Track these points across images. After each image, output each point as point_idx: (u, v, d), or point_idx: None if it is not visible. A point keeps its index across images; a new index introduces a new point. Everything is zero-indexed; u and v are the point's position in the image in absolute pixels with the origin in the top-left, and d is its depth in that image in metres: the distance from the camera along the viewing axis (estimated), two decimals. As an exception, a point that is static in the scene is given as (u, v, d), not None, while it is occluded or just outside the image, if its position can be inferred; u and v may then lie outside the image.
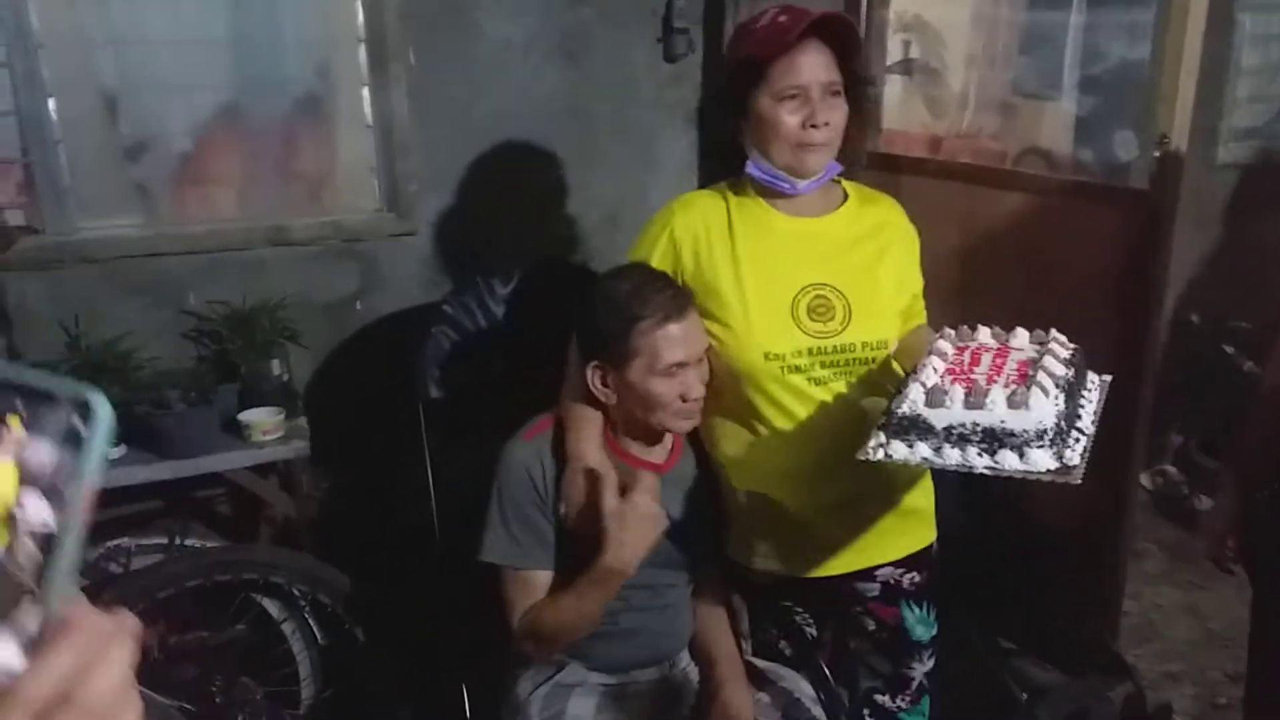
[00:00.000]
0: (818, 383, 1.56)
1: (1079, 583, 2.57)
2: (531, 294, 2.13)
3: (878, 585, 1.72)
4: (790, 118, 1.51)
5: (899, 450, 1.31)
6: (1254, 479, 1.75)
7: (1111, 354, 2.40)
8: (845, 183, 1.67)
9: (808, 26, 1.48)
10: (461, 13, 2.40)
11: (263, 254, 2.35)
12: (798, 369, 1.55)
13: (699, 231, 1.60)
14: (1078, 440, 1.29)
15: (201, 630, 2.03)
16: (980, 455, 1.26)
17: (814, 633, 1.82)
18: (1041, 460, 1.24)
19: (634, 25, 2.57)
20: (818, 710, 1.69)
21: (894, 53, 4.09)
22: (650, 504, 1.47)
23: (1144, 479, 3.27)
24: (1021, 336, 1.48)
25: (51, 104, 2.18)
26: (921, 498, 1.72)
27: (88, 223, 2.26)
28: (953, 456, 1.28)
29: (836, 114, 1.53)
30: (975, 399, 1.27)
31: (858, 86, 1.57)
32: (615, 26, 2.55)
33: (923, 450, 1.29)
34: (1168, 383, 3.39)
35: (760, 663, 1.79)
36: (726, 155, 1.62)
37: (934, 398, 1.29)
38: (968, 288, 2.58)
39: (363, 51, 2.40)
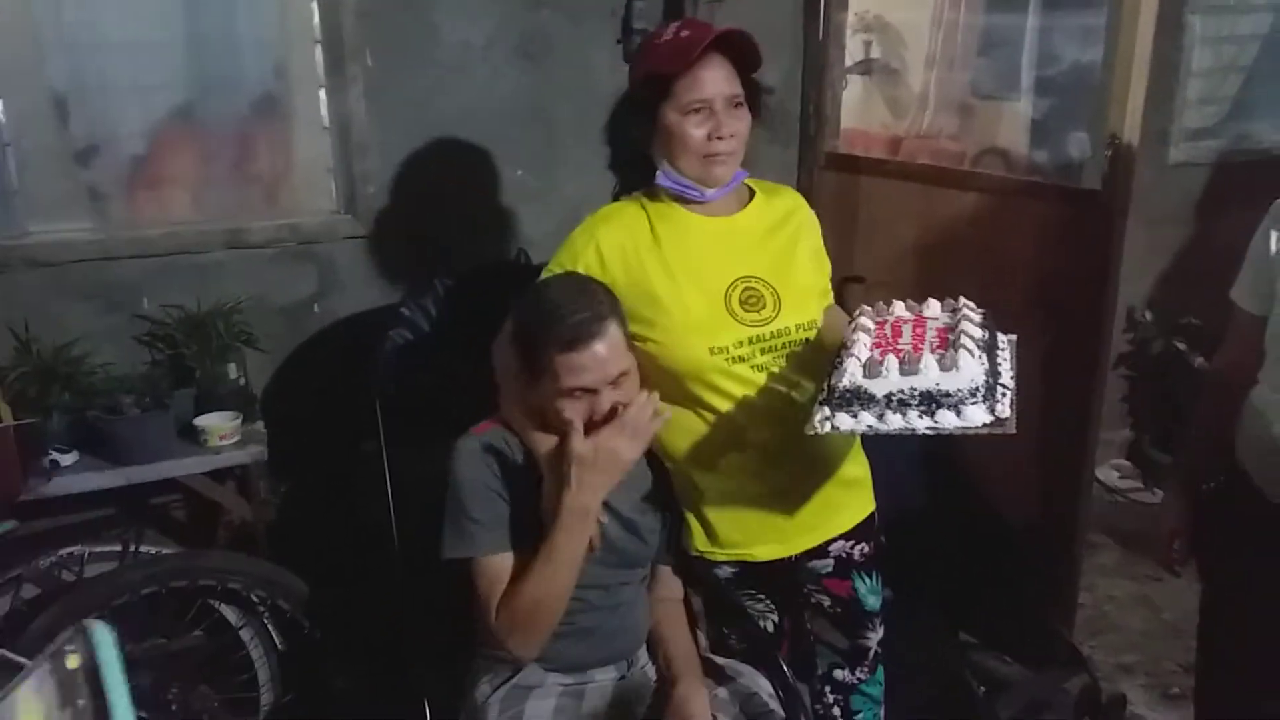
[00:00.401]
0: (760, 369, 1.62)
1: (1035, 575, 2.61)
2: (490, 296, 2.12)
3: (831, 560, 1.79)
4: (696, 130, 1.58)
5: (845, 421, 1.39)
6: (1201, 471, 1.79)
7: (1066, 350, 2.46)
8: (749, 180, 1.74)
9: (710, 42, 1.55)
10: (419, 13, 2.39)
11: (218, 257, 2.32)
12: (741, 359, 1.61)
13: (624, 243, 1.64)
14: (1004, 394, 1.39)
15: (158, 637, 2.01)
16: (921, 417, 1.35)
17: (775, 619, 1.85)
18: (976, 415, 1.34)
19: (593, 26, 2.57)
20: (775, 706, 1.70)
21: (855, 53, 4.13)
22: (624, 445, 1.48)
23: (1098, 472, 3.33)
24: (933, 306, 1.59)
25: (0, 105, 2.14)
26: (859, 468, 1.80)
27: (38, 226, 2.22)
28: (895, 421, 1.36)
29: (740, 124, 1.61)
30: (909, 366, 1.36)
31: (758, 96, 1.65)
32: (575, 27, 2.55)
33: (867, 419, 1.38)
34: (1121, 378, 3.47)
35: (719, 659, 1.81)
36: (637, 165, 1.67)
37: (871, 369, 1.39)
38: (925, 286, 2.61)
39: (319, 52, 2.38)
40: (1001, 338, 1.58)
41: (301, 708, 2.17)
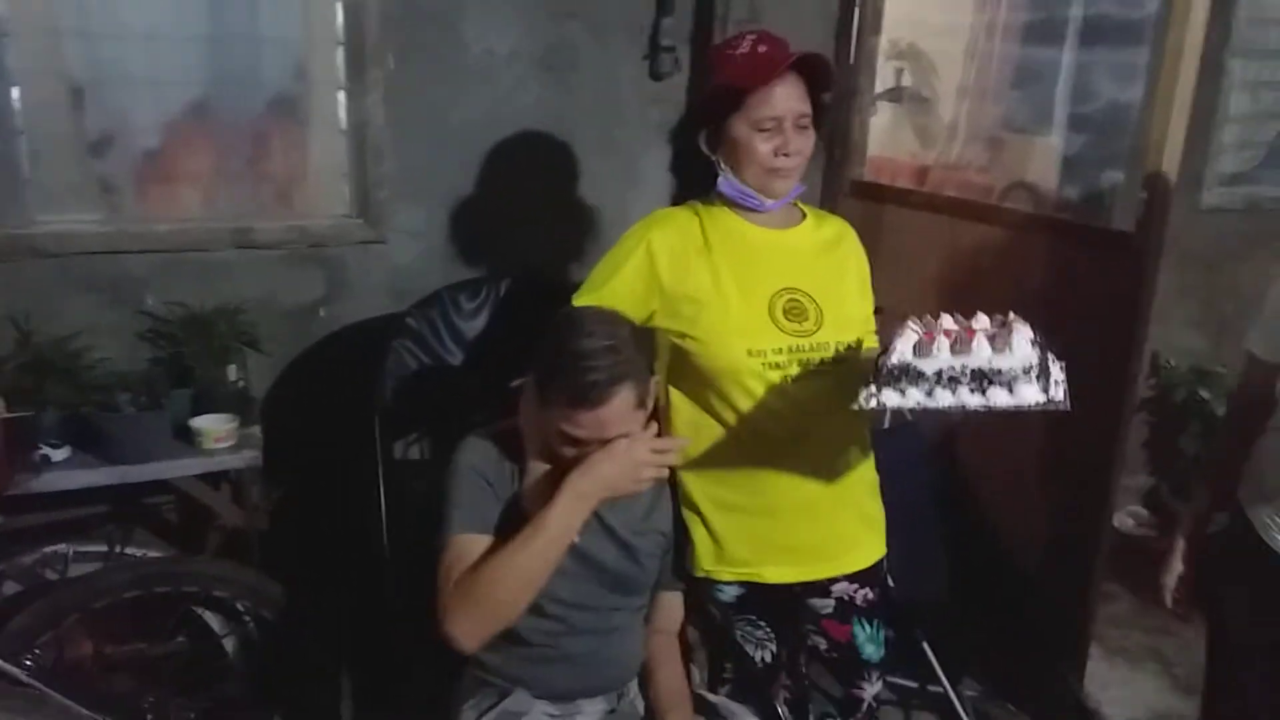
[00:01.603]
0: (794, 380, 1.62)
1: (1046, 623, 2.53)
2: (498, 311, 2.09)
3: (832, 602, 1.77)
4: (764, 145, 1.61)
5: (891, 398, 1.37)
6: (1210, 510, 1.77)
7: (1088, 394, 2.38)
8: (800, 204, 1.77)
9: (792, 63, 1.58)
10: (444, 20, 2.36)
11: (226, 256, 2.29)
12: (777, 365, 1.61)
13: (675, 245, 1.66)
14: (1059, 383, 1.37)
15: (139, 642, 1.97)
16: (972, 394, 1.35)
17: (773, 649, 1.81)
18: (1030, 394, 1.33)
19: (620, 42, 2.54)
20: (767, 748, 1.65)
21: (886, 80, 4.08)
22: (643, 457, 1.50)
23: (1114, 519, 3.24)
24: (982, 320, 1.56)
25: (15, 93, 2.12)
26: (877, 508, 1.80)
27: (46, 216, 2.20)
28: (945, 398, 1.36)
29: (806, 143, 1.64)
30: (961, 346, 1.35)
31: (822, 115, 1.68)
32: (601, 42, 2.52)
33: (915, 395, 1.37)
34: (1142, 424, 3.39)
35: (711, 697, 1.77)
36: (697, 169, 1.71)
37: (922, 349, 1.37)
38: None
39: (340, 54, 2.35)
40: (1052, 355, 1.55)
41: (283, 720, 2.12)
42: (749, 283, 1.64)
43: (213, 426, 2.06)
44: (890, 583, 1.86)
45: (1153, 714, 2.61)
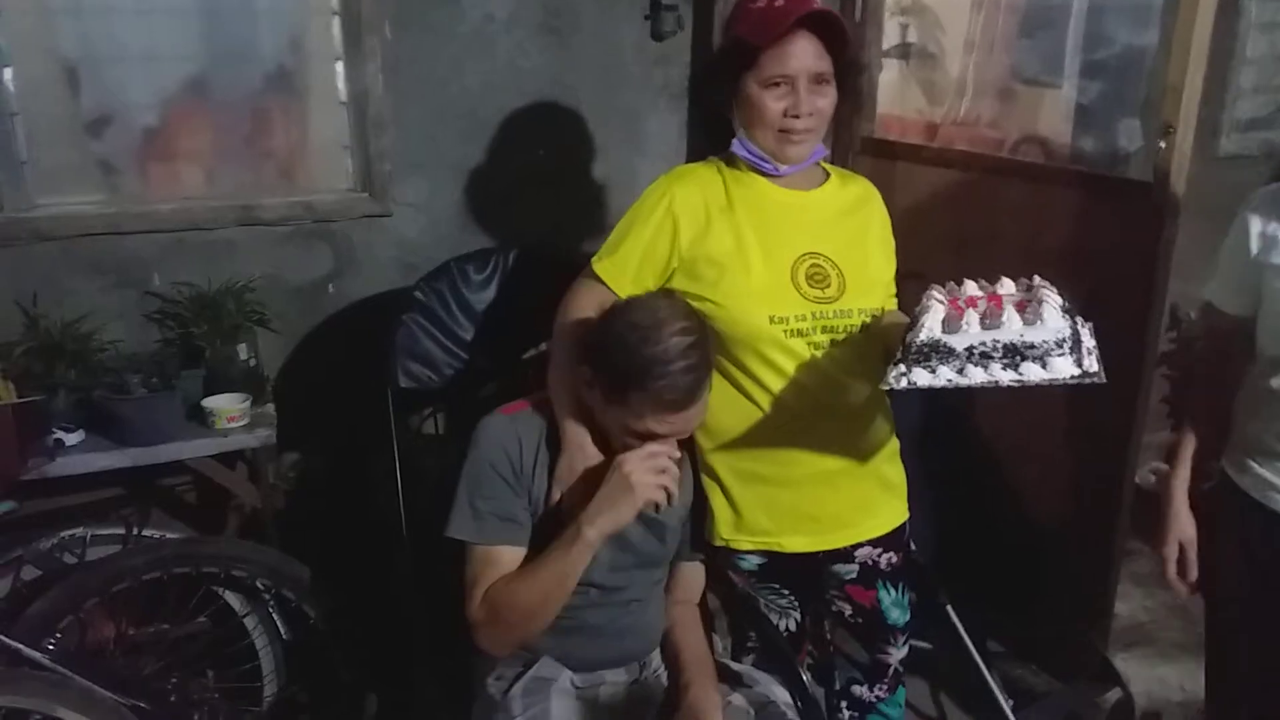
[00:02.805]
0: (817, 347, 1.58)
1: (1069, 583, 2.51)
2: (507, 281, 2.06)
3: (856, 566, 1.75)
4: (774, 104, 1.56)
5: (922, 377, 1.34)
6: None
7: (1109, 349, 2.34)
8: (823, 163, 1.72)
9: (800, 19, 1.52)
10: (441, -15, 2.32)
11: (231, 234, 2.26)
12: (799, 332, 1.58)
13: (697, 204, 1.62)
14: (1091, 351, 1.34)
15: (160, 623, 1.96)
16: (1004, 370, 1.32)
17: (797, 618, 1.81)
18: (1064, 367, 1.31)
19: (621, 2, 2.49)
20: (793, 715, 1.64)
21: (891, 36, 4.01)
22: (638, 476, 1.46)
23: (1135, 476, 3.21)
24: (1007, 284, 1.52)
25: (8, 73, 2.09)
26: (897, 473, 1.77)
27: (47, 199, 2.17)
28: (977, 375, 1.33)
29: (823, 101, 1.58)
30: (991, 320, 1.32)
31: (851, 73, 1.61)
32: (602, 3, 2.47)
33: (946, 373, 1.34)
34: (1162, 378, 3.33)
35: (735, 665, 1.76)
36: (716, 130, 1.66)
37: (950, 324, 1.34)
38: (959, 277, 2.51)
39: (336, 24, 2.31)
40: (1081, 319, 1.52)
41: (305, 698, 2.12)
42: (772, 246, 1.60)
43: (225, 406, 2.04)
44: (913, 546, 1.85)
45: (1177, 673, 2.59)
